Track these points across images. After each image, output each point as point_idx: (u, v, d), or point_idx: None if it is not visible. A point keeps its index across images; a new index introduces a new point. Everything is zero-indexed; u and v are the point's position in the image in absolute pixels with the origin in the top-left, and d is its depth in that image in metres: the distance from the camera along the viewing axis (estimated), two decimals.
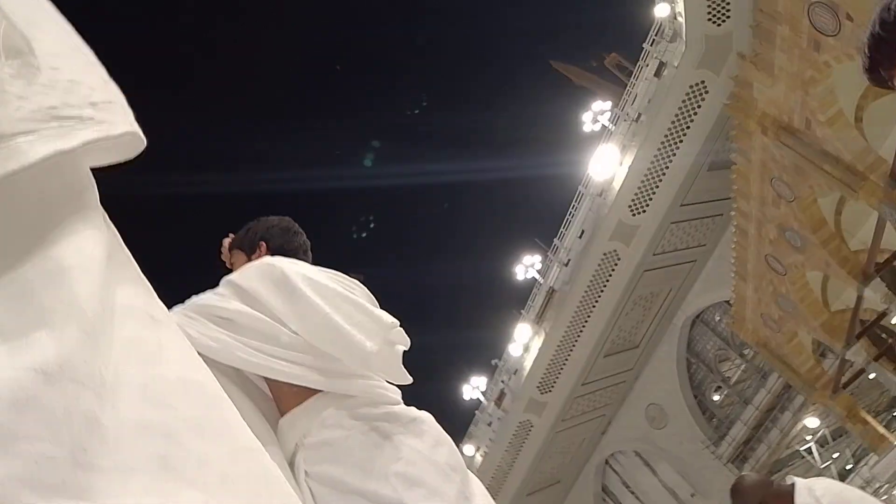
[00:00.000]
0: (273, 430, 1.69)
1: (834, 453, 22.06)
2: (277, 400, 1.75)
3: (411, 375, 1.83)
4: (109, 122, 0.82)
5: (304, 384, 1.66)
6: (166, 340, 0.84)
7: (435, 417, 1.77)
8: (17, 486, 0.53)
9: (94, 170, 0.88)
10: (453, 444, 1.76)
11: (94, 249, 0.79)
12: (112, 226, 0.89)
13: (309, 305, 1.67)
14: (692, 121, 18.03)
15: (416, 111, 60.31)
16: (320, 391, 1.68)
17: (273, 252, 2.39)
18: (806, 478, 3.57)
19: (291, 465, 1.63)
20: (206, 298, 1.74)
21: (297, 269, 1.78)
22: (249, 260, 2.36)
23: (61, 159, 0.74)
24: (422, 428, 1.71)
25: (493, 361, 27.41)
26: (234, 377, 1.70)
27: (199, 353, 1.56)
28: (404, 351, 1.81)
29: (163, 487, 0.64)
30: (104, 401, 0.65)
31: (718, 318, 22.30)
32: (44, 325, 0.66)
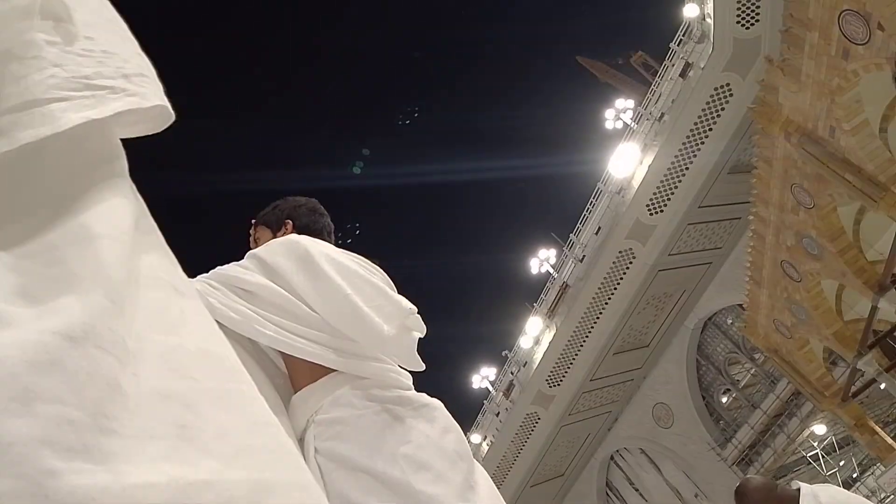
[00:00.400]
0: (285, 405, 1.71)
1: (840, 461, 22.01)
2: (292, 375, 1.76)
3: (423, 363, 1.84)
4: (141, 95, 0.84)
5: (319, 362, 1.67)
6: (188, 311, 0.86)
7: (444, 405, 1.79)
8: (37, 446, 0.54)
9: (123, 140, 0.89)
10: (462, 432, 1.77)
11: (122, 218, 0.80)
12: (139, 195, 0.90)
13: (330, 285, 1.69)
14: (715, 123, 17.95)
15: (440, 110, 60.42)
16: (335, 370, 1.69)
17: (299, 231, 2.40)
18: (811, 484, 3.58)
19: (301, 441, 1.64)
20: (230, 269, 1.76)
21: (321, 249, 1.80)
22: (275, 237, 2.37)
23: (92, 128, 0.76)
24: (432, 414, 1.72)
25: (504, 353, 27.50)
26: (250, 349, 1.71)
27: (218, 323, 1.62)
28: (419, 338, 1.81)
29: (180, 455, 0.65)
30: (126, 367, 0.66)
31: (731, 321, 22.25)
32: (70, 290, 0.67)
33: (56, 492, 0.53)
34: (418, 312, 1.80)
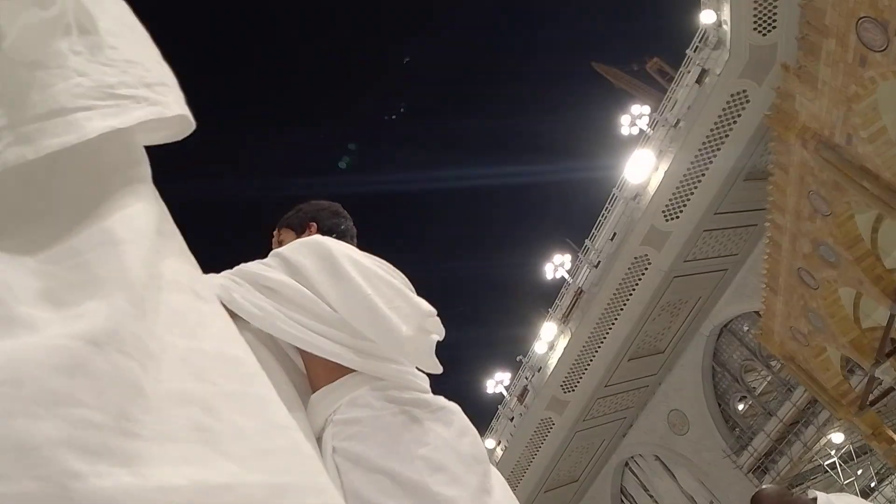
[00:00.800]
0: (304, 403, 1.71)
1: (858, 470, 21.80)
2: (310, 374, 1.77)
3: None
4: (163, 104, 0.85)
5: (339, 361, 1.68)
6: (208, 315, 0.87)
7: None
8: (62, 449, 0.55)
9: (146, 147, 0.91)
10: (478, 435, 1.77)
11: (144, 223, 0.81)
12: (160, 200, 0.91)
13: (351, 285, 1.70)
14: (731, 129, 17.88)
15: (457, 115, 60.64)
16: (353, 371, 1.70)
17: (322, 232, 2.42)
18: (827, 493, 3.55)
19: (319, 440, 1.65)
20: (253, 266, 1.78)
21: (343, 250, 1.82)
22: (298, 238, 2.38)
23: (116, 135, 0.77)
24: (450, 417, 1.72)
25: (518, 358, 27.46)
26: (271, 346, 1.72)
27: (240, 319, 1.61)
28: (437, 341, 1.81)
29: (200, 458, 0.66)
30: (148, 371, 0.67)
31: (747, 328, 22.12)
32: (94, 295, 0.68)
33: (80, 494, 0.54)
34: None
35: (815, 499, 3.45)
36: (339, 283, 1.72)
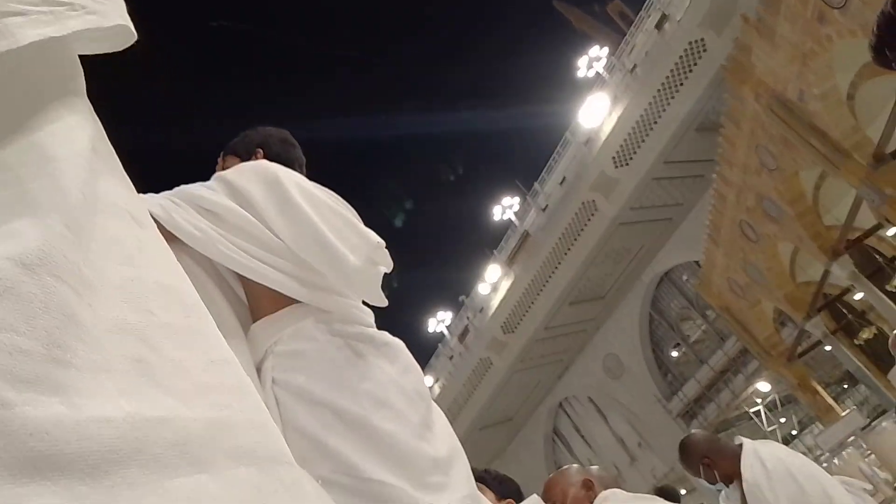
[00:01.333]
0: (245, 333, 1.64)
1: (781, 419, 22.78)
2: (252, 304, 1.70)
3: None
4: (101, 13, 0.80)
5: (282, 290, 1.61)
6: (146, 242, 0.83)
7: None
8: None
9: (81, 57, 0.85)
10: (421, 372, 1.74)
11: (79, 140, 0.77)
12: (96, 116, 0.86)
13: (299, 213, 1.63)
14: (687, 78, 17.87)
15: (410, 61, 59.89)
16: (297, 302, 1.64)
17: (270, 159, 2.24)
18: (753, 439, 3.63)
19: (258, 370, 1.58)
20: (194, 188, 1.67)
21: (292, 177, 1.73)
22: None
23: (49, 45, 0.73)
24: (394, 353, 1.68)
25: (460, 298, 27.70)
26: (210, 272, 1.65)
27: (179, 241, 1.51)
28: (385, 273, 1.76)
29: (136, 390, 0.64)
30: (82, 298, 0.64)
31: (686, 277, 22.59)
32: (24, 213, 0.64)
33: (8, 423, 0.51)
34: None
35: (741, 445, 3.52)
36: (287, 210, 1.64)
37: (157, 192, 1.61)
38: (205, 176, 1.81)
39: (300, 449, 1.38)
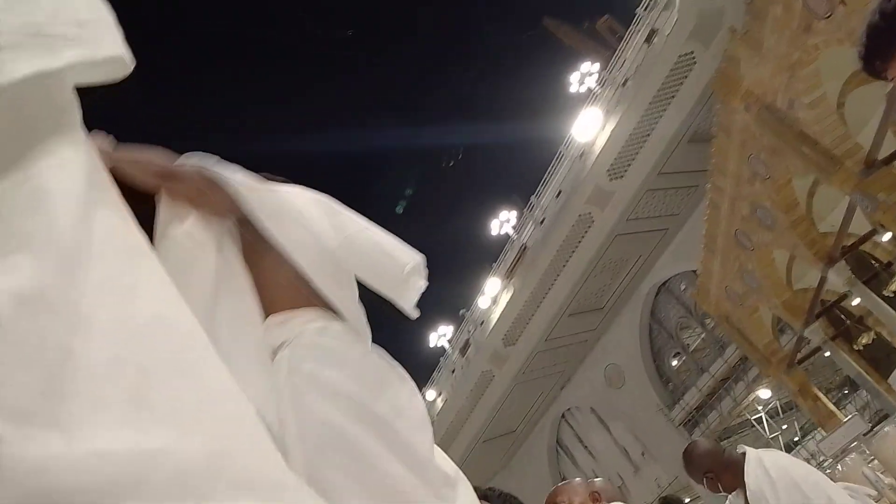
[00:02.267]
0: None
1: (783, 425, 22.75)
2: (268, 294, 1.58)
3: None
4: (95, 43, 0.79)
5: (321, 290, 1.56)
6: (142, 274, 0.80)
7: (401, 362, 1.69)
8: None
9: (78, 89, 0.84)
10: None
11: (74, 172, 0.75)
12: (91, 146, 0.85)
13: (346, 217, 1.61)
14: (677, 91, 18.00)
15: (407, 77, 59.94)
16: (318, 306, 1.58)
17: None
18: (754, 447, 3.65)
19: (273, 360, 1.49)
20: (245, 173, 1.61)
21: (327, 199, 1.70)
22: None
23: (43, 78, 0.72)
24: (405, 374, 1.62)
25: (461, 312, 27.72)
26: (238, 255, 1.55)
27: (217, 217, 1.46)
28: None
29: (135, 423, 0.62)
30: (77, 333, 0.63)
31: (684, 287, 22.64)
32: (21, 249, 0.63)
33: (6, 460, 0.50)
34: None
35: (744, 454, 3.54)
36: (334, 217, 1.62)
37: None
38: None
39: (318, 437, 1.35)
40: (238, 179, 1.51)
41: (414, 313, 1.70)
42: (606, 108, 19.86)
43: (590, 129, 20.33)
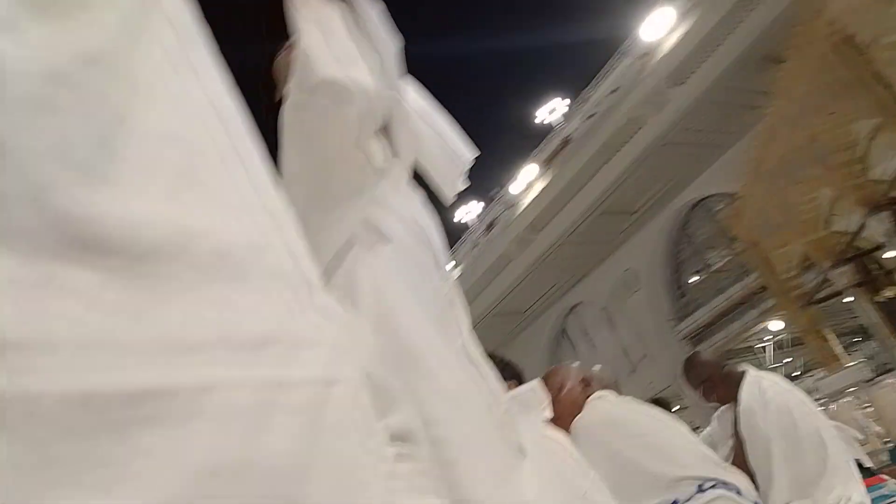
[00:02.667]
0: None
1: (787, 359, 22.98)
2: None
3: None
4: None
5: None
6: (203, 59, 0.77)
7: None
8: (40, 158, 0.52)
9: None
10: None
11: None
12: None
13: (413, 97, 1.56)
14: (759, 3, 17.08)
15: None
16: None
17: None
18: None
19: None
20: None
21: None
22: None
23: None
24: None
25: (493, 191, 27.68)
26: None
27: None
28: None
29: (183, 199, 0.62)
30: (135, 100, 0.62)
31: (721, 206, 22.31)
32: (84, 8, 0.61)
33: (55, 205, 0.51)
34: None
35: (745, 372, 3.54)
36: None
37: None
38: None
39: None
40: None
41: (451, 201, 1.70)
42: (683, 9, 18.93)
43: (660, 28, 19.47)
